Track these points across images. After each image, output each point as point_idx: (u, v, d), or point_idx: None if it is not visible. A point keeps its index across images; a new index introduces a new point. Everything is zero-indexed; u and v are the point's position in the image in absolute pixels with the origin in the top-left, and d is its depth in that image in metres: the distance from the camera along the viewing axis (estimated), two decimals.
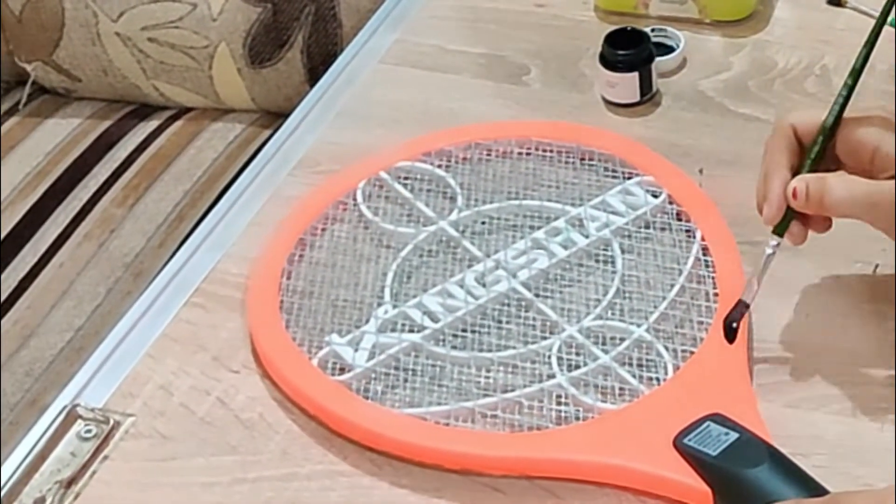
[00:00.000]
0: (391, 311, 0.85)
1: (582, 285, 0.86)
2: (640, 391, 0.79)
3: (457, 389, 0.80)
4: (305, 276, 0.88)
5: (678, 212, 0.89)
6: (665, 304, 0.83)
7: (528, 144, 0.95)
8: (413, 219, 0.92)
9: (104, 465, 0.79)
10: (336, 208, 0.93)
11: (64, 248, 1.33)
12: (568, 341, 0.82)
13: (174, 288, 0.91)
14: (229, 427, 0.80)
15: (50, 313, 1.26)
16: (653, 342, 0.81)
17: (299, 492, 0.77)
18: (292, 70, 1.42)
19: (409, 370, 0.82)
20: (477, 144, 0.96)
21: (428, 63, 1.08)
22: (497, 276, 0.86)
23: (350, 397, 0.80)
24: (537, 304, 0.84)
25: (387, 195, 0.94)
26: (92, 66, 1.49)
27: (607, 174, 0.93)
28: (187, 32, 1.42)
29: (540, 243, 0.88)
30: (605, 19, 1.10)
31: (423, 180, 0.94)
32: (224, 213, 0.97)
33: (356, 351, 0.82)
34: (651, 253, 0.87)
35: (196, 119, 1.47)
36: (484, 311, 0.85)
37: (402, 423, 0.78)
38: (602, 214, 0.89)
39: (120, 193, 1.38)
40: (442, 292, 0.86)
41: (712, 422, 0.74)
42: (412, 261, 0.89)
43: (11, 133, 1.49)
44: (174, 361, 0.85)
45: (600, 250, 0.88)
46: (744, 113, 0.99)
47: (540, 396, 0.79)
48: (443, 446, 0.77)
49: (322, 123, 1.03)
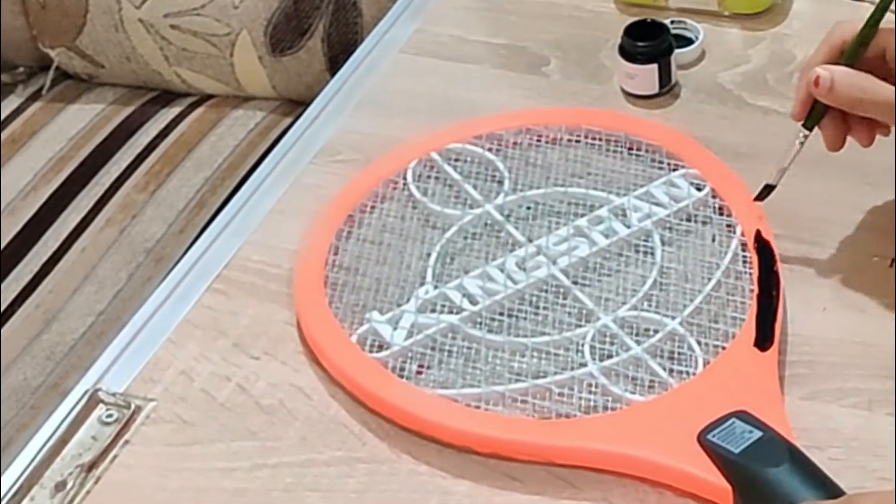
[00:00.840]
0: (432, 291, 0.85)
1: (620, 275, 0.86)
2: (668, 384, 0.79)
3: (489, 373, 0.81)
4: (352, 252, 0.89)
5: (720, 206, 0.89)
6: (700, 298, 0.83)
7: (577, 132, 0.95)
8: (460, 201, 0.92)
9: (125, 449, 0.80)
10: (387, 186, 0.93)
11: (86, 233, 1.33)
12: (602, 330, 0.82)
13: (196, 274, 0.91)
14: (249, 413, 0.81)
15: (72, 298, 1.26)
16: (685, 336, 0.81)
17: (318, 477, 0.77)
18: (313, 58, 1.42)
19: (444, 351, 0.82)
20: (528, 129, 0.96)
21: (448, 53, 1.08)
22: (537, 261, 0.86)
23: (385, 375, 0.81)
24: (574, 292, 0.84)
25: (436, 176, 0.94)
26: (115, 53, 1.50)
27: (654, 165, 0.93)
28: (209, 20, 1.43)
29: (582, 231, 0.88)
30: (626, 11, 1.10)
31: (473, 163, 0.95)
32: (245, 200, 0.97)
33: (395, 329, 0.83)
34: (691, 246, 0.87)
35: (217, 106, 1.47)
36: (522, 296, 0.85)
37: (433, 404, 0.79)
38: (645, 205, 0.89)
39: (142, 179, 1.38)
40: (482, 275, 0.86)
41: (737, 419, 0.74)
42: (456, 242, 0.89)
43: (35, 118, 1.50)
44: (195, 347, 0.85)
45: (641, 241, 0.88)
46: (762, 106, 0.99)
47: (570, 384, 0.79)
48: (472, 429, 0.78)
49: (342, 112, 1.04)
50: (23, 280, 1.28)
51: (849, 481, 0.72)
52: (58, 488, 0.77)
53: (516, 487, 0.76)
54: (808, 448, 0.73)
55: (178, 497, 0.77)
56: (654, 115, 0.99)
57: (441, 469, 0.77)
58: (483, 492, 0.76)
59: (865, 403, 0.78)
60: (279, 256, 0.91)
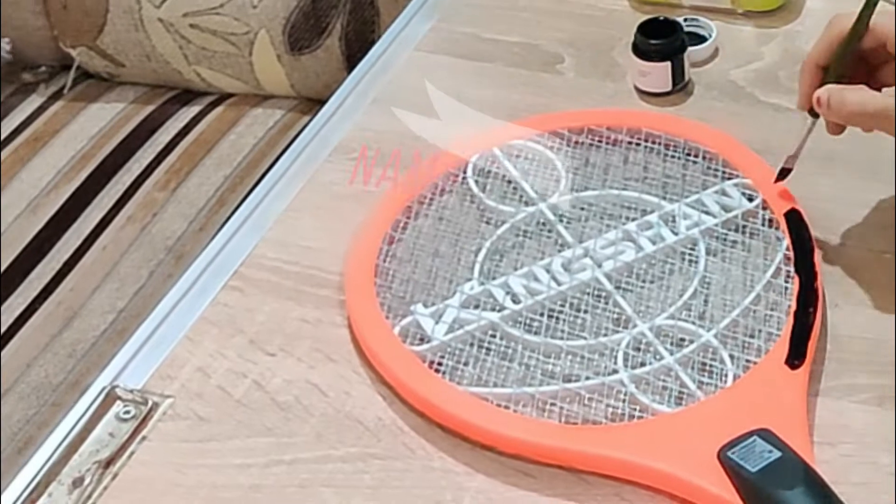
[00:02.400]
0: (476, 287, 0.85)
1: (662, 283, 0.85)
2: (696, 396, 0.78)
3: (522, 374, 0.81)
4: (406, 243, 0.90)
5: (770, 219, 0.88)
6: (737, 311, 0.82)
7: (638, 135, 0.95)
8: (515, 198, 0.92)
9: (142, 445, 0.80)
10: (447, 179, 0.94)
11: (107, 230, 1.34)
12: (637, 337, 0.81)
13: (212, 271, 0.92)
14: (265, 409, 0.81)
15: (93, 295, 1.27)
16: (718, 348, 0.80)
17: (333, 473, 0.77)
18: (331, 57, 1.43)
19: (482, 348, 0.82)
20: (590, 130, 0.95)
21: (462, 51, 1.09)
22: (583, 263, 0.86)
23: (421, 369, 0.81)
24: (615, 297, 0.84)
25: (495, 171, 0.94)
26: (135, 52, 1.51)
27: (708, 173, 0.92)
28: (228, 19, 1.43)
29: (630, 235, 0.88)
30: (639, 9, 1.10)
31: (533, 160, 0.94)
32: (262, 198, 0.98)
33: (437, 323, 0.83)
34: (735, 257, 0.86)
35: (237, 105, 1.48)
36: (564, 298, 0.85)
37: (464, 401, 0.79)
38: (695, 213, 0.88)
39: (162, 177, 1.39)
40: (528, 274, 0.86)
41: (759, 437, 0.73)
42: (507, 240, 0.90)
43: (56, 117, 1.51)
44: (212, 344, 0.86)
45: (686, 249, 0.87)
46: (774, 103, 0.99)
47: (600, 390, 0.79)
48: (500, 430, 0.77)
49: (358, 110, 1.04)
50: (45, 277, 1.30)
51: (860, 477, 0.73)
52: (75, 484, 0.78)
53: (529, 483, 0.76)
54: (818, 444, 0.74)
55: (194, 493, 0.77)
56: (667, 112, 1.00)
57: (455, 465, 0.77)
58: (497, 487, 0.76)
59: (876, 399, 0.78)
60: (295, 253, 0.91)
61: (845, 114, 0.82)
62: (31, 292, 1.28)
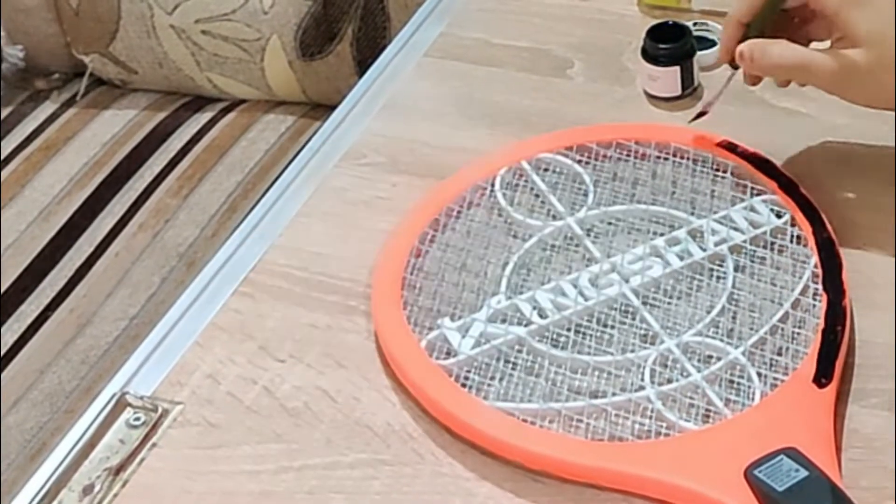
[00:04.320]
0: (504, 301, 0.85)
1: (689, 299, 0.85)
2: (723, 414, 0.77)
3: (549, 389, 0.80)
4: (433, 256, 0.89)
5: (798, 235, 0.87)
6: (766, 328, 0.81)
7: (667, 149, 0.94)
8: (543, 211, 0.92)
9: (152, 452, 0.80)
10: (475, 192, 0.93)
11: (119, 237, 1.35)
12: (664, 354, 0.81)
13: (222, 277, 0.92)
14: (275, 416, 0.81)
15: (105, 302, 1.28)
16: (746, 366, 0.79)
17: (343, 480, 0.78)
18: (342, 63, 1.44)
19: (508, 363, 0.82)
20: (619, 144, 0.95)
21: (472, 56, 1.09)
22: (610, 279, 0.86)
23: (447, 383, 0.81)
24: (643, 313, 0.84)
25: (524, 185, 0.94)
26: (147, 59, 1.51)
27: (737, 188, 0.92)
28: (240, 25, 1.44)
29: (658, 251, 0.87)
30: (648, 13, 1.10)
31: (561, 174, 0.94)
32: (271, 204, 0.98)
33: (463, 337, 0.83)
34: (763, 274, 0.86)
35: (249, 111, 1.49)
36: (591, 314, 0.84)
37: (490, 416, 0.79)
38: (723, 229, 0.88)
39: (174, 184, 1.40)
40: (555, 289, 0.85)
41: (786, 456, 0.73)
42: (534, 254, 0.89)
43: (69, 124, 1.52)
44: (222, 350, 0.86)
45: (714, 265, 0.86)
46: (785, 107, 0.99)
47: (626, 407, 0.78)
48: (525, 445, 0.77)
49: (367, 116, 1.04)
50: (57, 285, 1.30)
51: (870, 481, 0.73)
52: (85, 492, 0.78)
53: (539, 489, 0.76)
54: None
55: (204, 500, 0.78)
56: (677, 117, 1.00)
57: (464, 471, 0.77)
58: (506, 493, 0.76)
59: (886, 404, 0.78)
60: (305, 260, 0.91)
61: (766, 65, 0.88)
62: (44, 299, 1.29)
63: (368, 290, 0.88)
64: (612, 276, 0.86)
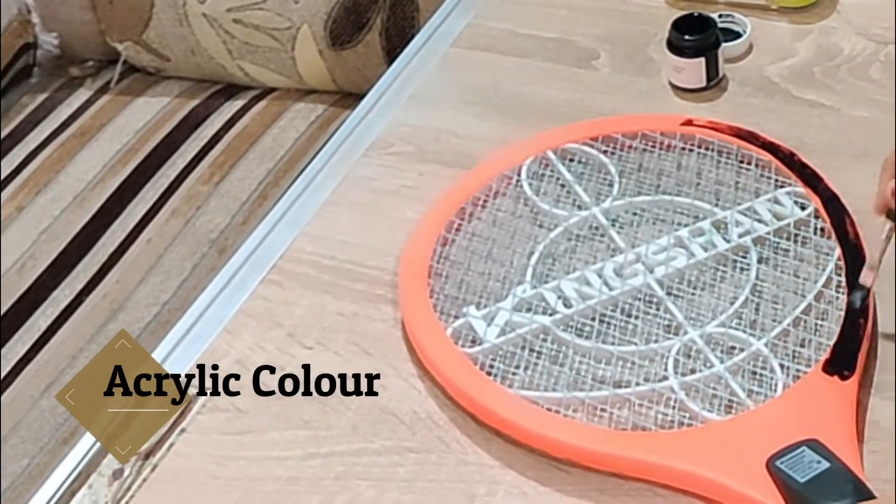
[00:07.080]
0: (529, 290, 0.86)
1: (713, 290, 0.85)
2: (746, 405, 0.78)
3: (573, 378, 0.81)
4: (459, 244, 0.90)
5: (822, 227, 0.88)
6: (789, 319, 0.82)
7: (691, 140, 0.95)
8: (569, 201, 0.93)
9: (181, 437, 0.81)
10: (501, 182, 0.94)
11: (152, 223, 1.36)
12: (688, 344, 0.81)
13: (251, 265, 0.93)
14: (302, 402, 0.82)
15: (137, 288, 1.29)
16: (769, 357, 0.80)
17: (369, 466, 0.78)
18: (371, 52, 1.44)
19: (533, 352, 0.83)
20: (644, 135, 0.95)
21: (499, 47, 1.09)
22: (635, 269, 0.86)
23: (472, 371, 0.81)
24: (667, 303, 0.84)
25: (549, 175, 0.95)
26: (180, 47, 1.52)
27: (761, 180, 0.92)
28: (271, 14, 1.45)
29: (682, 242, 0.88)
30: (674, 5, 1.11)
31: (587, 164, 0.95)
32: (300, 192, 0.99)
33: (489, 326, 0.84)
34: (787, 266, 0.86)
35: (279, 99, 1.49)
36: (615, 303, 0.85)
37: (515, 405, 0.79)
38: (747, 220, 0.88)
39: (206, 171, 1.41)
40: (580, 279, 0.86)
41: (808, 447, 0.73)
42: (560, 243, 0.90)
43: (103, 111, 1.52)
44: (250, 337, 0.87)
45: (738, 257, 0.87)
46: (809, 99, 0.99)
47: (650, 396, 0.79)
48: (550, 434, 0.78)
49: (395, 106, 1.05)
50: (90, 270, 1.31)
51: (891, 473, 0.73)
52: (115, 476, 0.79)
53: (562, 478, 0.77)
54: None
55: (232, 485, 0.79)
56: (702, 108, 1.00)
57: (489, 459, 0.78)
58: (530, 482, 0.77)
59: None
60: (332, 248, 0.92)
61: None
62: (77, 285, 1.30)
63: (395, 279, 0.89)
64: (637, 267, 0.87)
